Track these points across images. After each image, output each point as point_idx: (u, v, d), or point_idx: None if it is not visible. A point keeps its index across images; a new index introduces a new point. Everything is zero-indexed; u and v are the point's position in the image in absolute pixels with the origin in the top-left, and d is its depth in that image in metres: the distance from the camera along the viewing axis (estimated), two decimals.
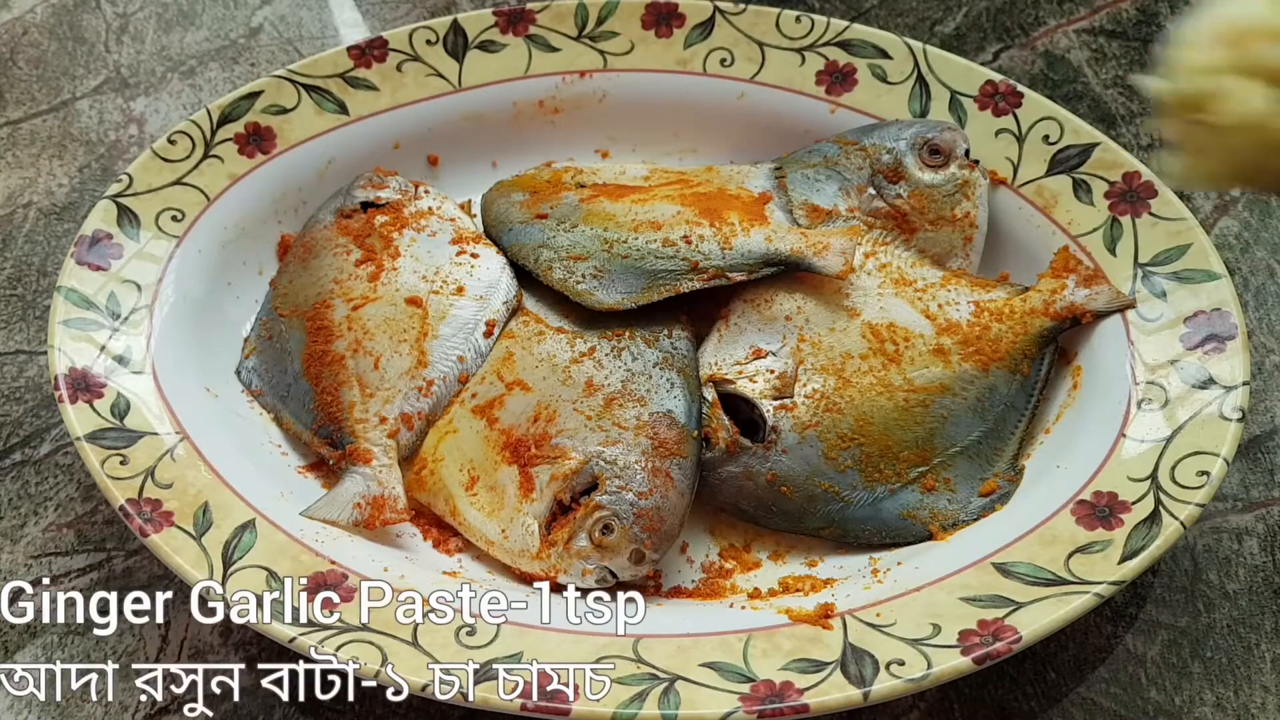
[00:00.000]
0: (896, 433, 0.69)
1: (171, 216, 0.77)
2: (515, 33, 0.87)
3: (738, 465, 0.68)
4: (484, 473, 0.68)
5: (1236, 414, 0.65)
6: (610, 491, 0.65)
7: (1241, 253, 0.83)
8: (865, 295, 0.74)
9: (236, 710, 0.63)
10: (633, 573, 0.64)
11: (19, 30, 1.00)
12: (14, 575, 0.69)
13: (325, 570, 0.63)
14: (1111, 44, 0.98)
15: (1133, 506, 0.63)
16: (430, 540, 0.69)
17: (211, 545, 0.63)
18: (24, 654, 0.66)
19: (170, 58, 0.98)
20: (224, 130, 0.81)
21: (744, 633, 0.60)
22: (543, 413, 0.68)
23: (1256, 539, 0.69)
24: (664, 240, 0.74)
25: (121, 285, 0.74)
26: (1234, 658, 0.65)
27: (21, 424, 0.76)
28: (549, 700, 0.56)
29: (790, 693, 0.57)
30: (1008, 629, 0.58)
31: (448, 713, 0.63)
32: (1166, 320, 0.71)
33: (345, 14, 1.02)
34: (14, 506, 0.72)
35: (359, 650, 0.58)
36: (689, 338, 0.73)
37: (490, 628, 0.60)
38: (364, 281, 0.75)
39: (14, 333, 0.80)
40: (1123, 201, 0.76)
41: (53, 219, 0.87)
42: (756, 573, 0.67)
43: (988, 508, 0.67)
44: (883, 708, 0.63)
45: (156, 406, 0.69)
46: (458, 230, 0.79)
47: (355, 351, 0.72)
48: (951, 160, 0.78)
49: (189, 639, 0.66)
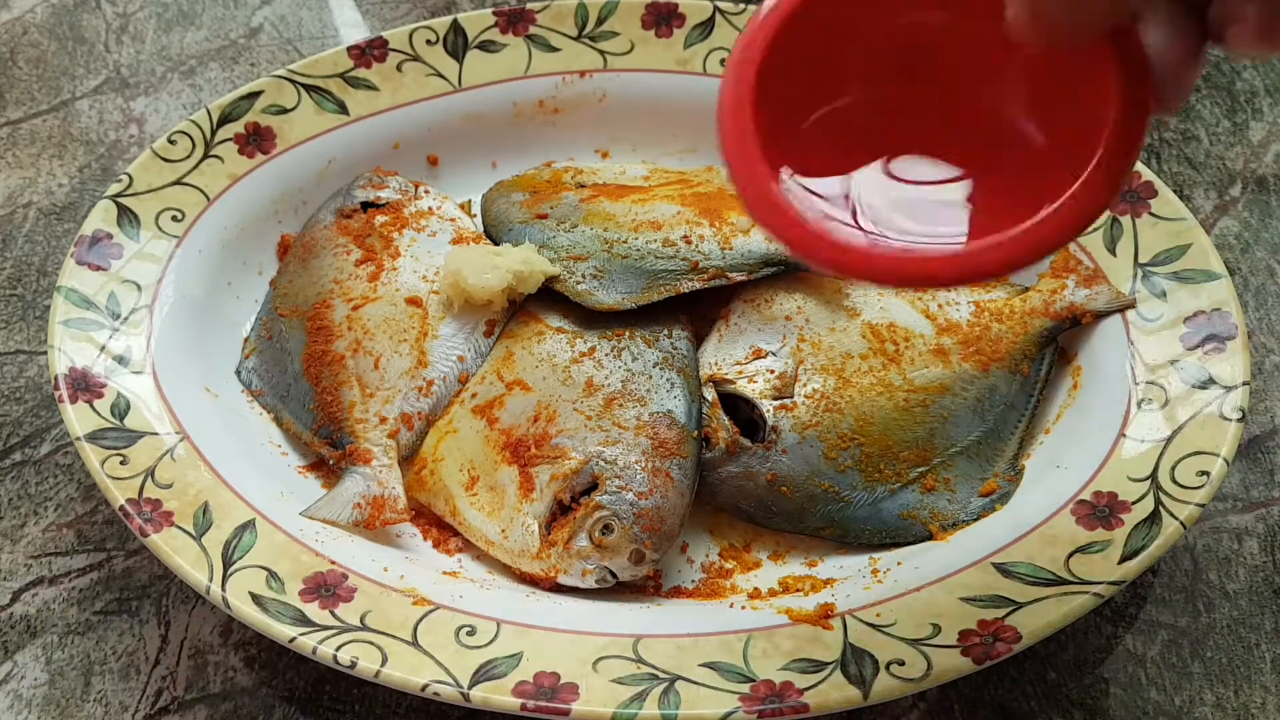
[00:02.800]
0: (896, 433, 0.69)
1: (171, 216, 0.77)
2: (515, 33, 0.87)
3: (738, 465, 0.68)
4: (484, 473, 0.68)
5: (1236, 414, 0.65)
6: (610, 491, 0.65)
7: (1241, 253, 0.83)
8: (865, 295, 0.74)
9: (236, 710, 0.63)
10: (633, 573, 0.64)
11: (19, 30, 1.00)
12: (14, 575, 0.69)
13: (325, 570, 0.63)
14: None
15: (1133, 506, 0.63)
16: (430, 540, 0.69)
17: (211, 545, 0.63)
18: (24, 654, 0.66)
19: (170, 58, 0.98)
20: (224, 130, 0.81)
21: (744, 633, 0.60)
22: (543, 413, 0.68)
23: (1256, 539, 0.69)
24: (664, 240, 0.74)
25: (121, 285, 0.74)
26: (1234, 658, 0.65)
27: (21, 424, 0.76)
28: (549, 700, 0.56)
29: (790, 693, 0.57)
30: (1008, 629, 0.58)
31: (448, 713, 0.63)
32: (1166, 320, 0.71)
33: (345, 14, 1.03)
34: (14, 506, 0.72)
35: (359, 650, 0.58)
36: (689, 338, 0.73)
37: (490, 628, 0.60)
38: (364, 281, 0.75)
39: (14, 333, 0.80)
40: (1123, 201, 0.76)
41: (53, 219, 0.87)
42: (756, 573, 0.67)
43: (988, 508, 0.67)
44: (883, 708, 0.63)
45: (156, 406, 0.69)
46: (458, 230, 0.79)
47: (355, 351, 0.72)
48: None
49: (189, 639, 0.66)
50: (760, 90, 0.50)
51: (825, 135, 0.52)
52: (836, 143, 0.52)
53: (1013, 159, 0.50)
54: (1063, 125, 0.49)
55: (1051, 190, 0.47)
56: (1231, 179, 0.88)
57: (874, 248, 0.49)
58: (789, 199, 0.49)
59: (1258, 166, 0.88)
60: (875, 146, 0.52)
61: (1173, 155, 0.89)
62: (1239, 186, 0.87)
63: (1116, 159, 0.46)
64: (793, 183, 0.50)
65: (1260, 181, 0.87)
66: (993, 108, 0.51)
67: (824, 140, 0.52)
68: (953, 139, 0.52)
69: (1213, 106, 0.92)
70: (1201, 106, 0.92)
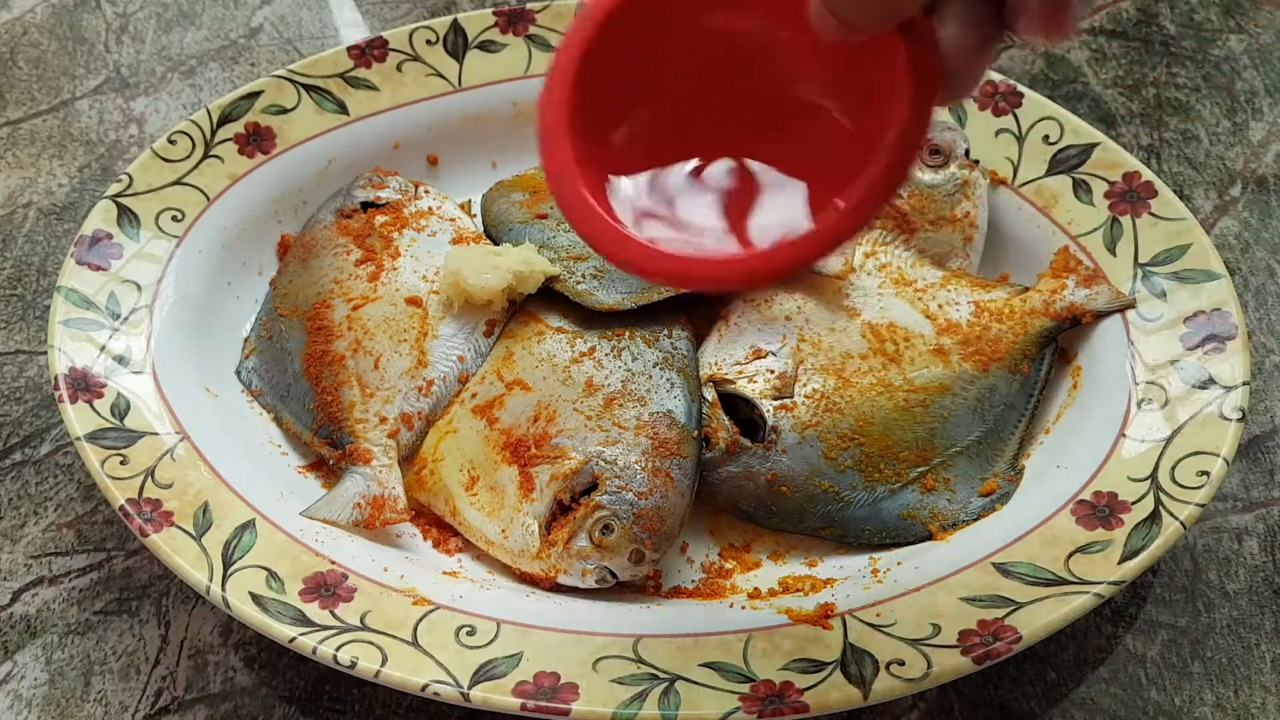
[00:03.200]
0: (896, 433, 0.69)
1: (171, 216, 0.77)
2: (515, 33, 0.87)
3: (738, 465, 0.68)
4: (484, 473, 0.68)
5: (1236, 414, 0.65)
6: (610, 491, 0.65)
7: (1241, 253, 0.83)
8: (865, 295, 0.74)
9: (236, 710, 0.63)
10: (633, 573, 0.64)
11: (19, 30, 1.00)
12: (14, 575, 0.69)
13: (325, 570, 0.63)
14: (1111, 44, 0.98)
15: (1133, 506, 0.63)
16: (430, 540, 0.69)
17: (211, 545, 0.63)
18: (24, 654, 0.66)
19: (170, 58, 0.98)
20: (224, 130, 0.81)
21: (744, 633, 0.60)
22: (543, 413, 0.68)
23: (1256, 539, 0.69)
24: None
25: (121, 285, 0.74)
26: (1234, 658, 0.65)
27: (21, 424, 0.76)
28: (549, 700, 0.56)
29: (790, 693, 0.57)
30: (1008, 629, 0.58)
31: (448, 713, 0.63)
32: (1166, 320, 0.71)
33: (345, 14, 1.02)
34: (14, 506, 0.72)
35: (359, 650, 0.58)
36: (689, 338, 0.73)
37: (490, 628, 0.60)
38: (364, 281, 0.75)
39: (14, 333, 0.80)
40: (1123, 201, 0.76)
41: (53, 219, 0.87)
42: (756, 573, 0.67)
43: (988, 508, 0.67)
44: (883, 708, 0.63)
45: (156, 406, 0.69)
46: (458, 230, 0.79)
47: (355, 351, 0.72)
48: (951, 160, 0.78)
49: (189, 639, 0.66)
50: (579, 88, 0.51)
51: (644, 134, 0.54)
52: (656, 142, 0.54)
53: (824, 151, 0.52)
54: (867, 116, 0.50)
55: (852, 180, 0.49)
56: (1231, 179, 0.88)
57: (673, 251, 0.51)
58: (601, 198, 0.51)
59: (1258, 166, 0.88)
60: (691, 147, 0.54)
61: (1173, 155, 0.89)
62: (1239, 186, 0.87)
63: (902, 146, 0.48)
64: (617, 181, 0.52)
65: (1260, 181, 0.87)
66: (804, 104, 0.53)
67: (644, 139, 0.54)
68: (767, 137, 0.54)
69: (1213, 106, 0.92)
70: (1201, 106, 0.92)
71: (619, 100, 0.53)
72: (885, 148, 0.48)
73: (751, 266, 0.50)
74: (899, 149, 0.48)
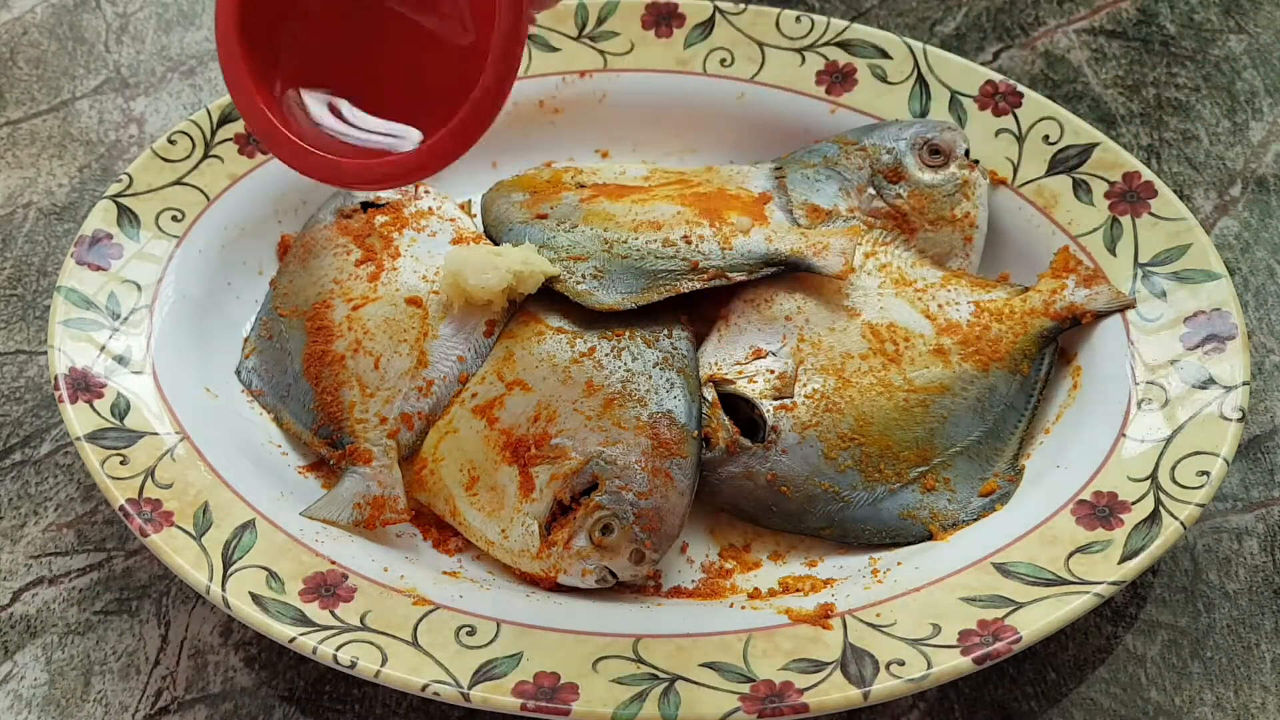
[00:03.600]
0: (896, 433, 0.69)
1: (171, 216, 0.77)
2: None
3: (738, 465, 0.68)
4: (484, 473, 0.68)
5: (1236, 414, 0.65)
6: (610, 491, 0.65)
7: (1241, 253, 0.83)
8: (865, 295, 0.74)
9: (236, 710, 0.63)
10: (633, 573, 0.65)
11: (19, 30, 1.00)
12: (14, 575, 0.69)
13: (325, 570, 0.63)
14: (1111, 44, 0.98)
15: (1133, 506, 0.63)
16: (430, 540, 0.69)
17: (211, 545, 0.63)
18: (24, 654, 0.66)
19: (170, 58, 0.98)
20: (224, 130, 0.81)
21: (744, 633, 0.60)
22: (543, 413, 0.68)
23: (1256, 539, 0.69)
24: (664, 240, 0.74)
25: (121, 285, 0.74)
26: (1234, 658, 0.65)
27: (21, 424, 0.76)
28: (549, 700, 0.57)
29: (790, 693, 0.57)
30: (1008, 629, 0.58)
31: (448, 713, 0.63)
32: (1166, 320, 0.71)
33: None
34: (14, 506, 0.72)
35: (359, 650, 0.58)
36: (689, 338, 0.73)
37: (490, 628, 0.60)
38: (364, 281, 0.75)
39: (14, 333, 0.80)
40: (1123, 201, 0.76)
41: (53, 219, 0.87)
42: (756, 573, 0.67)
43: (988, 508, 0.67)
44: (883, 708, 0.63)
45: (156, 406, 0.69)
46: (458, 230, 0.79)
47: (355, 351, 0.72)
48: (951, 160, 0.78)
49: (189, 639, 0.66)
50: (244, 10, 0.60)
51: (302, 57, 0.63)
52: (309, 54, 0.62)
53: (444, 65, 0.61)
54: (480, 33, 0.58)
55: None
56: (1231, 179, 0.88)
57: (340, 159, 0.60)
58: (279, 110, 0.61)
59: (1258, 166, 0.88)
60: (338, 61, 0.63)
61: (1173, 155, 0.89)
62: (1239, 186, 0.87)
63: (500, 61, 0.57)
64: (292, 95, 0.62)
65: (1260, 181, 0.87)
66: (430, 31, 0.61)
67: (302, 61, 0.63)
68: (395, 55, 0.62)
69: (1213, 106, 0.92)
70: (1201, 106, 0.92)
71: (277, 20, 0.62)
72: (489, 64, 0.56)
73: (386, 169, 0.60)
74: (498, 62, 0.56)
